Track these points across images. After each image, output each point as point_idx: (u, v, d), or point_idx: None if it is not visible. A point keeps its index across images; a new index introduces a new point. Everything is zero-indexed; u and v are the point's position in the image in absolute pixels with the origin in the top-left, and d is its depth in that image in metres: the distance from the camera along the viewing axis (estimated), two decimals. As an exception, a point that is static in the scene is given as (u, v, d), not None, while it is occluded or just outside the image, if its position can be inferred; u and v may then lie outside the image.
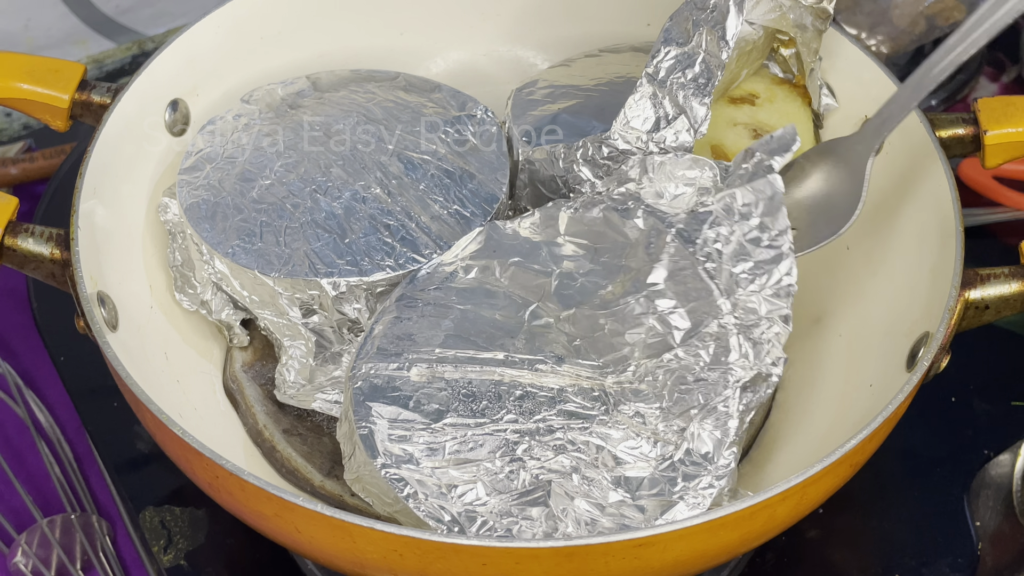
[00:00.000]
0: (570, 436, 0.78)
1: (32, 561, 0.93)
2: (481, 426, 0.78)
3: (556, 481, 0.76)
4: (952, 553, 0.92)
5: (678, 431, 0.77)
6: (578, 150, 0.88)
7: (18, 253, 0.85)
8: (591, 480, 0.76)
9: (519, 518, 0.75)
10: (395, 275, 0.86)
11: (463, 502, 0.76)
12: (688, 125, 0.86)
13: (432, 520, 0.75)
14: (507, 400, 0.79)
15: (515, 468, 0.76)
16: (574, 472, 0.76)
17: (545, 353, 0.81)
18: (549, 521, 0.75)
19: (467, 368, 0.80)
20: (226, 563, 0.91)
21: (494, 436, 0.78)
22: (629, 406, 0.78)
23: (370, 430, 0.78)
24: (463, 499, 0.76)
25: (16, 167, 1.16)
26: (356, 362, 0.82)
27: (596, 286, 0.83)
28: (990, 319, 0.84)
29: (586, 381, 0.79)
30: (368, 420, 0.79)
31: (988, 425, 0.98)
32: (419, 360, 0.81)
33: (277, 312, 0.88)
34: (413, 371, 0.80)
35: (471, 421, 0.78)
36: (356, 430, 0.78)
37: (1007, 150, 0.90)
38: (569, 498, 0.76)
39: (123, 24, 1.26)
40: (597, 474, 0.77)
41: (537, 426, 0.78)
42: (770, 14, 0.90)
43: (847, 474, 0.79)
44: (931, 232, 0.87)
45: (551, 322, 0.82)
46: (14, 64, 0.92)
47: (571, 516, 0.75)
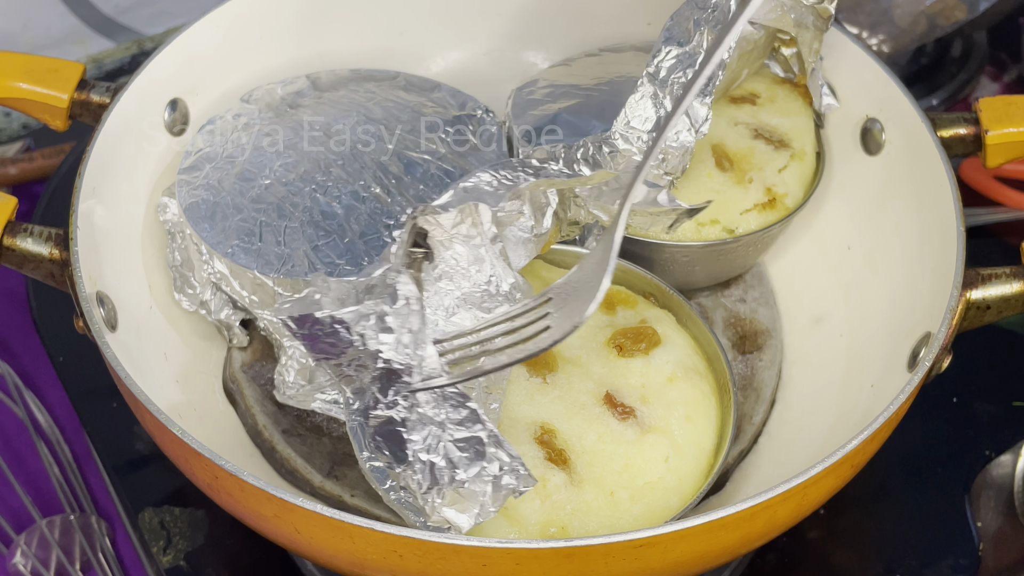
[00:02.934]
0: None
1: (31, 562, 0.93)
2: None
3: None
4: (953, 554, 0.91)
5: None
6: (578, 150, 0.88)
7: (17, 253, 0.85)
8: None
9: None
10: (395, 275, 0.86)
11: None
12: (689, 125, 0.86)
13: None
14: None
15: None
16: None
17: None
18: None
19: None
20: (225, 564, 0.91)
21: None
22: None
23: (360, 423, 0.79)
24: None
25: (15, 167, 1.16)
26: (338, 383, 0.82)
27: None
28: (991, 319, 0.84)
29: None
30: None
31: (989, 425, 0.98)
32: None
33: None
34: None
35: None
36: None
37: (1008, 150, 0.90)
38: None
39: (122, 23, 1.26)
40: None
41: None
42: (771, 14, 0.90)
43: (848, 475, 0.78)
44: (932, 232, 0.87)
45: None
46: (13, 63, 0.92)
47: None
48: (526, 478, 0.72)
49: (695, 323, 0.86)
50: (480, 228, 0.78)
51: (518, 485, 0.72)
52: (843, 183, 0.97)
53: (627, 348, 0.83)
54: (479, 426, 0.72)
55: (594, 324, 0.85)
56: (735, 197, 0.92)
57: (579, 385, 0.81)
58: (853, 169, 0.96)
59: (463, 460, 0.72)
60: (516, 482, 0.72)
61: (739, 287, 0.97)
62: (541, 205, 0.81)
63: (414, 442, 0.72)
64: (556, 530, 0.77)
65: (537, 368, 0.81)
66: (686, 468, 0.80)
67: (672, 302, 0.88)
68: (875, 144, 0.95)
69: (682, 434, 0.80)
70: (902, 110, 0.92)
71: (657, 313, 0.86)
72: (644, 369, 0.82)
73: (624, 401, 0.81)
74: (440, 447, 0.72)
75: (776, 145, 0.94)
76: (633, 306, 0.87)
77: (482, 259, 0.79)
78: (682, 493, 0.79)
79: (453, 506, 0.72)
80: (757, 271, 0.98)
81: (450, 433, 0.72)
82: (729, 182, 0.92)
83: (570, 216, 0.85)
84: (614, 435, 0.80)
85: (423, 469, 0.72)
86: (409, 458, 0.72)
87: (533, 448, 0.78)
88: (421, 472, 0.72)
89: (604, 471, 0.78)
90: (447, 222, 0.77)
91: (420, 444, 0.72)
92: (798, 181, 0.94)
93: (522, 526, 0.77)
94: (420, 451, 0.72)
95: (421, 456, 0.72)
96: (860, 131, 0.96)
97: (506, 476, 0.72)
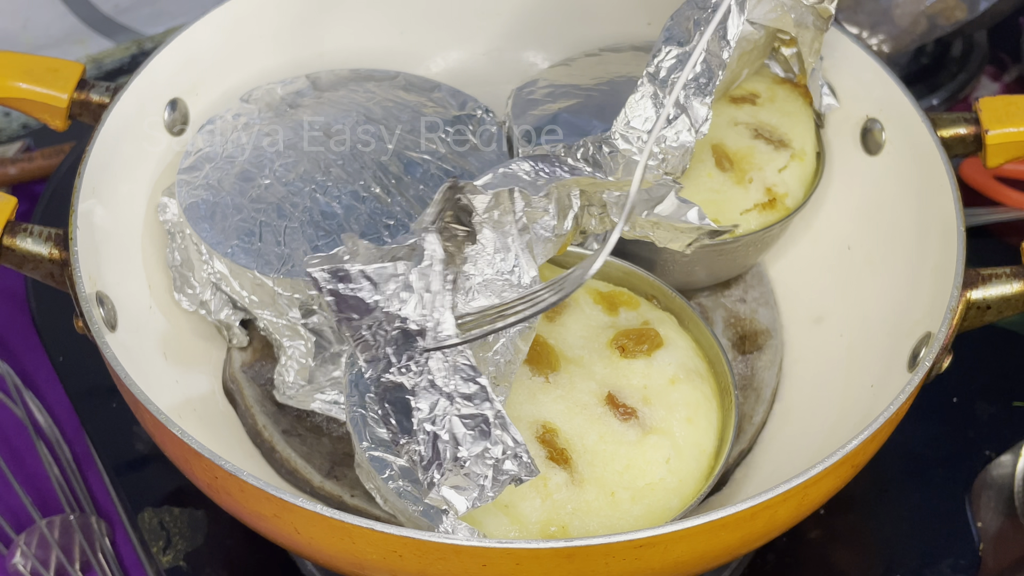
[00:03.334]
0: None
1: (31, 562, 0.93)
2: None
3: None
4: (953, 554, 0.91)
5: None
6: (578, 150, 0.88)
7: (17, 253, 0.85)
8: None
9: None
10: (395, 275, 0.86)
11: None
12: (689, 125, 0.86)
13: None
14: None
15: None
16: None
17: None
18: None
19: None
20: (225, 564, 0.91)
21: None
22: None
23: (361, 415, 0.79)
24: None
25: (15, 167, 1.15)
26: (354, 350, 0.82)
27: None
28: (991, 319, 0.83)
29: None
30: (360, 405, 0.79)
31: (989, 426, 0.98)
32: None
33: (276, 312, 0.87)
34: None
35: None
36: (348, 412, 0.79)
37: (1008, 150, 0.90)
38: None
39: (122, 23, 1.26)
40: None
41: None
42: (771, 13, 0.90)
43: (848, 475, 0.78)
44: (932, 232, 0.87)
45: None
46: (13, 63, 0.92)
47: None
48: (528, 466, 0.72)
49: (697, 325, 0.86)
50: (512, 216, 0.78)
51: (519, 472, 0.72)
52: (843, 183, 0.97)
53: (629, 349, 0.83)
54: (487, 404, 0.72)
55: (596, 325, 0.85)
56: (735, 197, 0.92)
57: (581, 385, 0.81)
58: (853, 169, 0.96)
59: (467, 437, 0.71)
60: (517, 469, 0.72)
61: (739, 287, 0.97)
62: (565, 207, 0.81)
63: (420, 410, 0.71)
64: (556, 529, 0.77)
65: (539, 367, 0.81)
66: (687, 470, 0.80)
67: (674, 304, 0.87)
68: (875, 144, 0.95)
69: (683, 436, 0.80)
70: (902, 110, 0.92)
71: (659, 315, 0.86)
72: (646, 370, 0.82)
73: (626, 402, 0.81)
74: (446, 420, 0.71)
75: (776, 145, 0.94)
76: (635, 308, 0.87)
77: (508, 248, 0.78)
78: (682, 495, 0.79)
79: (452, 486, 0.71)
80: (757, 271, 0.98)
81: (457, 407, 0.72)
82: (729, 182, 0.92)
83: (581, 224, 0.85)
84: (615, 435, 0.80)
85: (426, 441, 0.71)
86: (414, 427, 0.71)
87: (535, 447, 0.78)
88: (424, 444, 0.71)
89: (605, 471, 0.78)
90: (480, 205, 0.76)
91: (426, 414, 0.71)
92: (798, 181, 0.94)
93: (522, 525, 0.77)
94: (425, 421, 0.71)
95: (426, 427, 0.71)
96: (860, 131, 0.96)
97: (508, 461, 0.71)
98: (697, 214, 0.82)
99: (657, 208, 0.79)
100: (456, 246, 0.76)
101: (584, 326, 0.84)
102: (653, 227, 0.81)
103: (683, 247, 0.82)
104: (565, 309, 0.85)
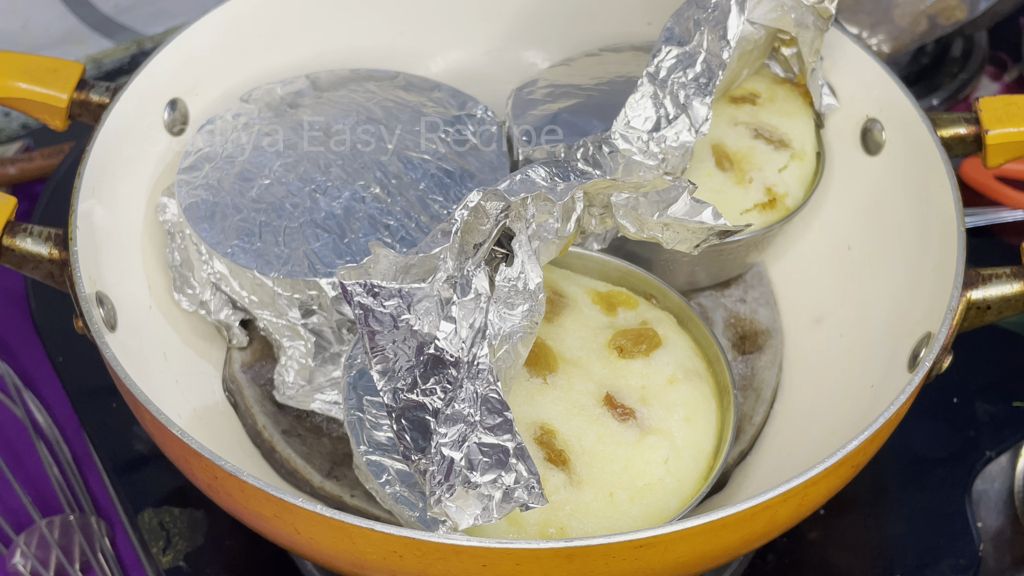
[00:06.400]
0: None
1: (31, 562, 0.93)
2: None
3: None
4: (954, 554, 0.91)
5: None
6: (578, 149, 0.88)
7: (16, 253, 0.85)
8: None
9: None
10: (395, 275, 0.86)
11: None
12: (689, 125, 0.86)
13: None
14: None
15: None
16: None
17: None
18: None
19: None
20: (225, 564, 0.91)
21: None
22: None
23: (359, 418, 0.79)
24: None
25: (14, 167, 1.15)
26: (352, 351, 0.82)
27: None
28: (992, 319, 0.83)
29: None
30: (359, 408, 0.79)
31: (990, 426, 0.98)
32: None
33: (276, 312, 0.87)
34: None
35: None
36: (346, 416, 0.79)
37: (1009, 150, 0.90)
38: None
39: (122, 23, 1.26)
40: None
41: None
42: (771, 13, 0.90)
43: (848, 475, 0.78)
44: (932, 232, 0.87)
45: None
46: (12, 63, 0.92)
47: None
48: (538, 496, 0.72)
49: (696, 325, 0.86)
50: (523, 223, 0.78)
51: (528, 500, 0.72)
52: (843, 183, 0.97)
53: (627, 349, 0.83)
54: (508, 436, 0.72)
55: (595, 325, 0.85)
56: (735, 197, 0.92)
57: (579, 386, 0.81)
58: (853, 169, 0.96)
59: (482, 464, 0.71)
60: (527, 497, 0.72)
61: (739, 287, 0.97)
62: (569, 209, 0.81)
63: (441, 435, 0.72)
64: (555, 531, 0.77)
65: (537, 368, 0.81)
66: (685, 470, 0.80)
67: (673, 304, 0.87)
68: (875, 144, 0.95)
69: (682, 436, 0.80)
70: (902, 110, 0.92)
71: (658, 315, 0.86)
72: (644, 371, 0.82)
73: (624, 402, 0.81)
74: (464, 446, 0.72)
75: (776, 145, 0.94)
76: (634, 307, 0.87)
77: (515, 254, 0.78)
78: (681, 495, 0.79)
79: (457, 503, 0.72)
80: (757, 271, 0.98)
81: (478, 435, 0.72)
82: (729, 182, 0.92)
83: (582, 224, 0.85)
84: (614, 436, 0.79)
85: (441, 463, 0.71)
86: (431, 449, 0.72)
87: (533, 448, 0.78)
88: (438, 464, 0.71)
89: (604, 472, 0.78)
90: (493, 212, 0.76)
91: (446, 439, 0.72)
92: (798, 181, 0.94)
93: (520, 526, 0.77)
94: (444, 445, 0.72)
95: (444, 450, 0.71)
96: (860, 131, 0.96)
97: (519, 490, 0.72)
98: (712, 214, 0.81)
99: (670, 209, 0.79)
100: (493, 268, 0.76)
101: (582, 326, 0.84)
102: (663, 228, 0.81)
103: (691, 248, 0.82)
104: (563, 309, 0.85)
